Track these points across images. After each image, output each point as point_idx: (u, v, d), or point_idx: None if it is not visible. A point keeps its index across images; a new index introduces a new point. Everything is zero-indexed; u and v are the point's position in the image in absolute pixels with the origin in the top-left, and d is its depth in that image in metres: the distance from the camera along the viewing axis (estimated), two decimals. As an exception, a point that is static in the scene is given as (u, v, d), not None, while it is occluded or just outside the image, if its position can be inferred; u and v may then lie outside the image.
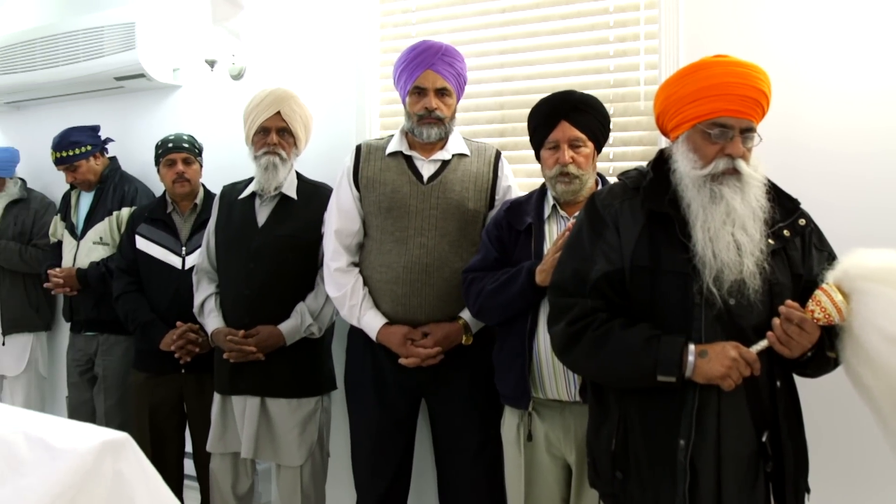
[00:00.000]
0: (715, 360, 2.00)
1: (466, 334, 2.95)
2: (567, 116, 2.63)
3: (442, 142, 3.02)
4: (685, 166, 2.14)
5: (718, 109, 2.08)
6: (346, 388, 3.19)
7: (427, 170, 3.00)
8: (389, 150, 3.05)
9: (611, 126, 2.77)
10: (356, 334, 3.11)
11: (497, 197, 3.02)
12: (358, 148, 3.12)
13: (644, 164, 2.36)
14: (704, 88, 2.09)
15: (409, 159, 3.03)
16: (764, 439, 2.08)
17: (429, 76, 2.93)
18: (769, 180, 2.17)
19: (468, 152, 3.04)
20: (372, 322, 2.97)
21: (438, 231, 2.94)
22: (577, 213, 2.63)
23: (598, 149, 2.73)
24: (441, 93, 2.95)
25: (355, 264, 3.08)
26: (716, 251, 2.03)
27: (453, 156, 3.02)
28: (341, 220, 3.07)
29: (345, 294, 3.01)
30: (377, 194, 3.01)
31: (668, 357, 2.02)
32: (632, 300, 2.14)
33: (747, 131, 2.11)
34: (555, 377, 2.59)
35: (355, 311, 3.00)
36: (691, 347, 2.03)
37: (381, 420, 3.03)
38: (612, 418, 2.19)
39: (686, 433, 2.06)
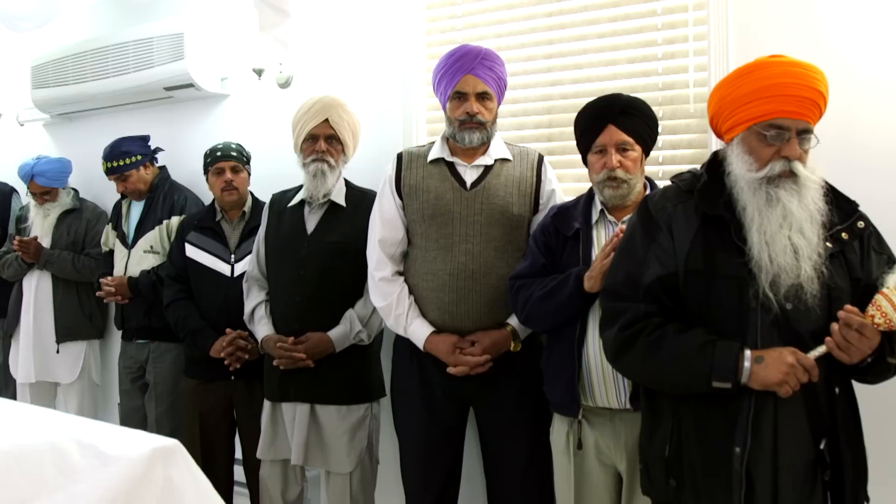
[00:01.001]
0: (772, 366, 1.96)
1: (515, 341, 2.92)
2: (614, 120, 2.60)
3: (484, 147, 3.00)
4: (740, 168, 2.10)
5: (775, 110, 2.04)
6: (392, 398, 3.19)
7: (470, 175, 2.99)
8: (431, 157, 3.04)
9: (659, 129, 2.74)
10: (402, 343, 3.09)
11: (541, 201, 2.99)
12: (399, 156, 3.12)
13: (695, 167, 2.32)
14: (760, 89, 2.06)
15: (451, 165, 3.01)
16: (822, 447, 2.04)
17: (469, 80, 2.92)
18: (826, 182, 2.12)
19: (510, 157, 3.02)
20: (419, 331, 2.96)
21: (483, 237, 2.92)
22: (625, 218, 2.62)
23: (647, 152, 2.70)
24: (482, 97, 2.94)
25: (400, 273, 3.07)
26: (772, 255, 1.99)
27: (496, 161, 3.00)
28: (385, 229, 3.06)
29: (390, 304, 3.00)
30: (420, 202, 3.00)
31: (724, 363, 1.99)
32: (686, 305, 2.11)
33: (804, 133, 2.07)
34: (604, 384, 2.56)
35: (402, 320, 2.98)
36: (747, 353, 1.99)
37: (430, 430, 3.02)
38: (666, 425, 2.16)
39: (742, 440, 2.02)
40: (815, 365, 1.97)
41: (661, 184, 2.69)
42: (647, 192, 2.68)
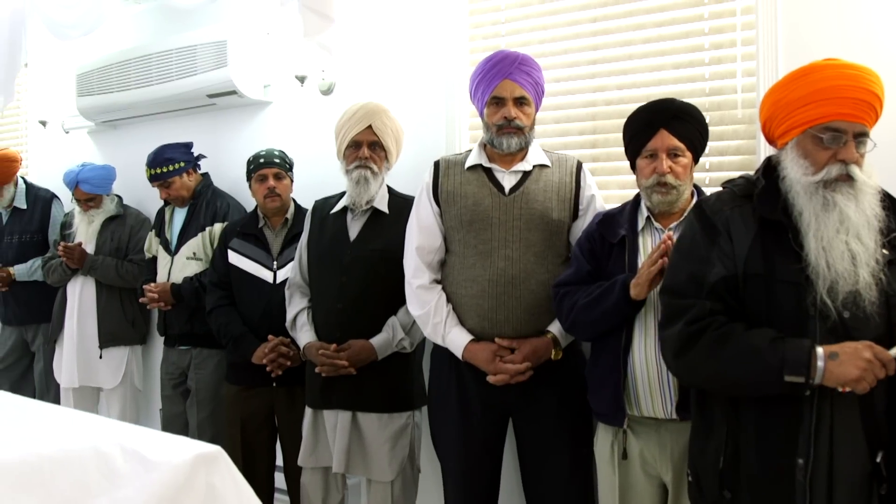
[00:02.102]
0: (848, 363, 1.91)
1: (556, 349, 2.88)
2: (667, 125, 2.57)
3: (522, 152, 2.97)
4: (796, 173, 2.06)
5: (830, 113, 2.00)
6: (429, 409, 3.17)
7: (508, 181, 2.96)
8: (469, 163, 3.01)
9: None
10: (440, 352, 3.07)
11: (581, 206, 2.96)
12: (436, 163, 3.10)
13: (744, 173, 2.29)
14: (816, 92, 2.02)
15: (489, 171, 2.99)
16: (878, 460, 1.99)
17: (507, 86, 2.89)
18: (883, 189, 2.07)
19: (549, 163, 2.99)
20: (457, 339, 2.93)
21: (523, 242, 2.89)
22: (672, 225, 2.59)
23: (696, 159, 2.66)
24: (520, 102, 2.91)
25: (438, 281, 3.04)
26: (829, 261, 1.95)
27: (534, 166, 2.97)
28: (422, 236, 3.05)
29: (428, 312, 2.97)
30: (458, 208, 2.98)
31: (797, 357, 1.93)
32: (746, 308, 2.07)
33: (860, 136, 2.03)
34: (650, 394, 2.53)
35: (439, 328, 2.95)
36: (819, 351, 1.94)
37: (468, 441, 2.98)
38: (720, 434, 2.11)
39: (805, 452, 1.97)
40: (892, 359, 1.92)
41: (709, 191, 2.66)
42: (694, 199, 2.65)
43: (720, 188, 2.30)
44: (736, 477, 2.08)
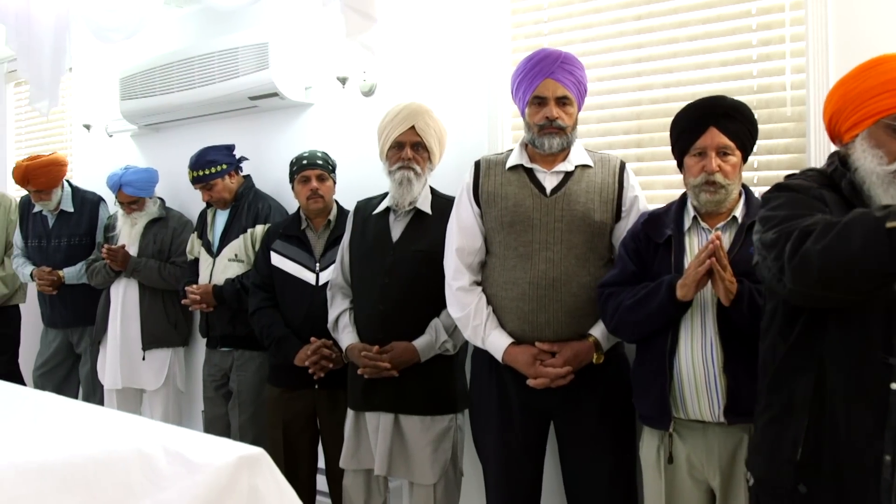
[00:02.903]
0: None
1: (597, 353, 2.84)
2: (717, 122, 2.52)
3: (564, 153, 2.94)
4: (870, 163, 2.01)
5: None
6: (470, 410, 3.15)
7: (549, 182, 2.93)
8: (510, 163, 2.98)
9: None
10: (480, 354, 3.05)
11: (623, 208, 2.92)
12: (477, 163, 3.08)
13: (793, 172, 2.24)
14: (887, 82, 1.99)
15: (530, 172, 2.95)
16: None
17: (549, 85, 2.85)
18: None
19: (591, 163, 2.95)
20: (497, 342, 2.90)
21: (564, 244, 2.85)
22: (719, 225, 2.55)
23: (745, 159, 2.61)
24: (562, 101, 2.87)
25: (478, 283, 3.02)
26: None
27: (576, 167, 2.93)
28: (462, 237, 3.02)
29: (468, 314, 2.95)
30: (499, 209, 2.95)
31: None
32: None
33: None
34: (697, 396, 2.49)
35: (479, 331, 2.93)
36: None
37: (509, 445, 2.96)
38: (799, 425, 2.02)
39: (892, 448, 1.90)
40: None
41: (758, 191, 2.61)
42: (742, 199, 2.61)
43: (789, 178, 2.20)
44: (814, 470, 2.00)
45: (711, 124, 2.53)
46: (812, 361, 2.01)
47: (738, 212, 2.59)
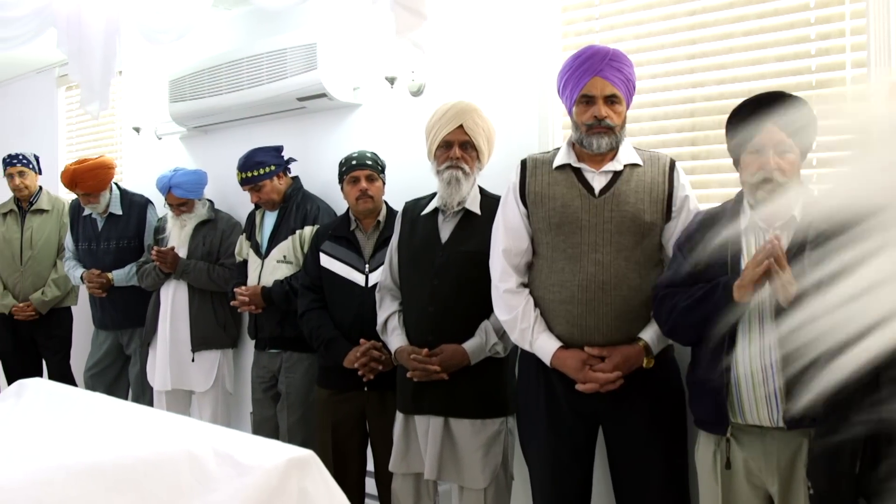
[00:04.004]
0: None
1: (647, 357, 2.78)
2: (774, 119, 2.44)
3: (612, 152, 2.88)
4: None
5: None
6: (518, 416, 3.10)
7: (598, 182, 2.87)
8: (557, 163, 2.93)
9: (816, 131, 2.57)
10: (527, 357, 3.00)
11: (674, 207, 2.85)
12: (523, 162, 3.02)
13: None
14: None
15: (578, 172, 2.90)
16: None
17: (597, 83, 2.79)
18: None
19: (641, 162, 2.89)
20: (546, 346, 2.85)
21: (614, 246, 2.79)
22: (777, 224, 2.48)
23: (804, 156, 2.54)
24: (610, 100, 2.82)
25: (525, 285, 2.97)
26: None
27: (625, 166, 2.87)
28: (508, 238, 2.97)
29: (515, 317, 2.90)
30: (546, 209, 2.89)
31: None
32: None
33: None
34: (755, 401, 2.43)
35: (527, 334, 2.88)
36: None
37: (557, 450, 2.91)
38: (858, 436, 1.97)
39: None
40: None
41: (816, 190, 2.54)
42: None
43: None
44: (878, 483, 1.95)
45: (768, 121, 2.45)
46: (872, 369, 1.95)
47: (797, 210, 2.52)
